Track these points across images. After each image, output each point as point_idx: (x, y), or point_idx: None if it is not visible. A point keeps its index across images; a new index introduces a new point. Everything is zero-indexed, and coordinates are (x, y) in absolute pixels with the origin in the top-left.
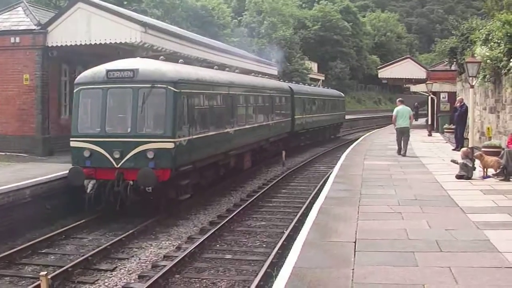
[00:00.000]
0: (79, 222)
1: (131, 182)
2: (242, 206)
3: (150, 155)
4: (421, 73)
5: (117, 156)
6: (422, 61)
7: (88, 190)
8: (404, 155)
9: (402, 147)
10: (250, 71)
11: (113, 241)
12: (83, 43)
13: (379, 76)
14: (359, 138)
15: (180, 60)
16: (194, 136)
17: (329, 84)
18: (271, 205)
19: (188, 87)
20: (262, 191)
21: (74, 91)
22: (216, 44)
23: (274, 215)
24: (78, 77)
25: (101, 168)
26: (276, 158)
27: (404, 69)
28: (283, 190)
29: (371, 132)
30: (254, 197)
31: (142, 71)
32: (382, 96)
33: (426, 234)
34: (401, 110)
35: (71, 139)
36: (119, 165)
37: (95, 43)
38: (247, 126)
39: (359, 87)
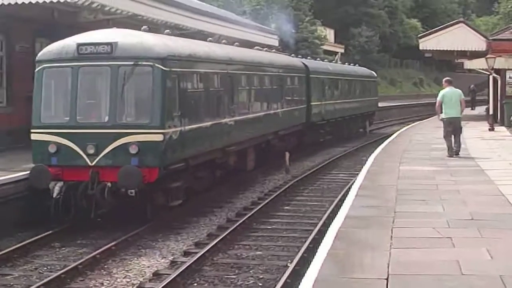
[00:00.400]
0: (38, 237)
1: (109, 184)
2: (230, 229)
3: (133, 150)
4: (479, 44)
5: (91, 151)
6: (481, 27)
7: (55, 195)
8: (455, 155)
9: (453, 144)
10: (239, 41)
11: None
12: (4, 3)
13: (421, 47)
14: (392, 134)
15: (144, 27)
16: (187, 127)
17: (350, 59)
18: (269, 227)
19: (180, 65)
20: (258, 207)
21: (36, 70)
22: (192, 4)
23: (274, 241)
24: (41, 52)
25: (71, 166)
26: (283, 159)
27: (456, 38)
28: (287, 207)
29: (409, 126)
30: (247, 216)
31: (122, 45)
32: (425, 76)
33: (487, 267)
34: (449, 94)
35: (31, 130)
36: (93, 163)
37: (22, 3)
38: (250, 116)
39: (392, 63)
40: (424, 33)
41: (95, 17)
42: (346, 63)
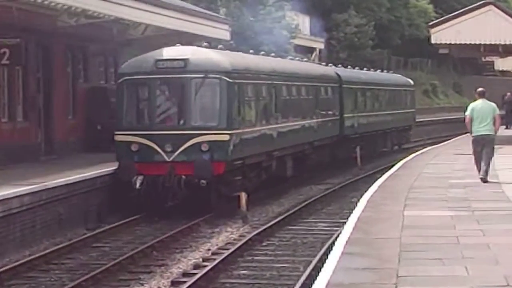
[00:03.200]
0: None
1: (183, 177)
2: None
3: (204, 147)
4: None
5: (168, 149)
6: None
7: (137, 186)
8: (484, 180)
9: (482, 167)
10: (175, 33)
11: None
12: None
13: (433, 41)
14: (394, 164)
15: (205, 44)
16: (245, 130)
17: (333, 57)
18: None
19: (239, 77)
20: (201, 273)
21: (118, 81)
22: None
23: None
24: (122, 66)
25: (151, 162)
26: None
27: (483, 26)
28: (243, 272)
29: (417, 153)
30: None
31: (193, 60)
32: (439, 81)
33: None
34: (480, 108)
35: (116, 132)
36: (171, 159)
37: None
38: (290, 124)
39: (393, 64)
40: (438, 20)
41: (77, 21)
42: (330, 65)
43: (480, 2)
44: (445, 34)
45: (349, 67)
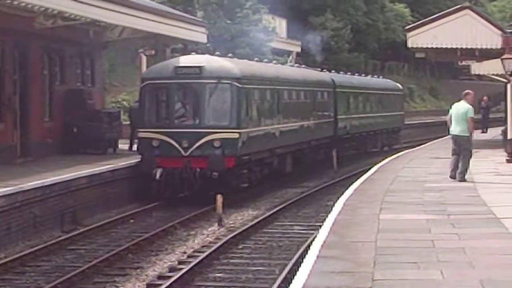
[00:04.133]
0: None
1: (198, 169)
2: None
3: (217, 144)
4: (492, 39)
5: (185, 145)
6: (495, 15)
7: (157, 177)
8: (460, 180)
9: (460, 167)
10: (151, 35)
11: None
12: None
13: (410, 44)
14: (370, 167)
15: (217, 53)
16: (252, 129)
17: (310, 60)
18: None
19: (247, 82)
20: (177, 276)
21: (141, 85)
22: None
23: None
24: (145, 72)
25: (169, 156)
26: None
27: (460, 30)
28: (219, 274)
29: (393, 157)
30: None
31: (207, 67)
32: (416, 85)
33: None
34: (456, 109)
35: (139, 130)
36: (187, 154)
37: None
38: (290, 125)
39: (370, 67)
40: (415, 24)
41: (54, 23)
42: (303, 66)
43: (457, 7)
44: (421, 38)
45: (341, 72)
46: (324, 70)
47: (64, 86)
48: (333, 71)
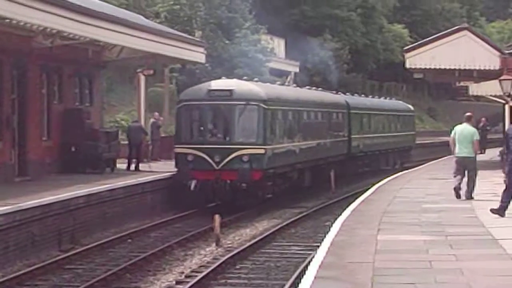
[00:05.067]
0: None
1: (228, 181)
2: None
3: (245, 159)
4: (490, 60)
5: (217, 159)
6: (493, 36)
7: (192, 188)
8: (468, 198)
9: (467, 187)
10: (149, 55)
11: None
12: None
13: (408, 65)
14: (367, 188)
15: (244, 78)
16: (276, 146)
17: (308, 81)
18: None
19: (272, 104)
20: None
21: (178, 106)
22: (81, 3)
23: None
24: (182, 93)
25: (203, 169)
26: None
27: (458, 51)
28: None
29: (391, 177)
30: None
31: (237, 91)
32: (414, 105)
33: None
34: (461, 132)
35: (175, 145)
36: (219, 167)
37: None
38: (308, 142)
39: (368, 88)
40: (413, 45)
41: (52, 43)
42: (340, 93)
43: (455, 27)
44: (420, 59)
45: (355, 94)
46: (339, 92)
47: (63, 105)
48: (347, 93)
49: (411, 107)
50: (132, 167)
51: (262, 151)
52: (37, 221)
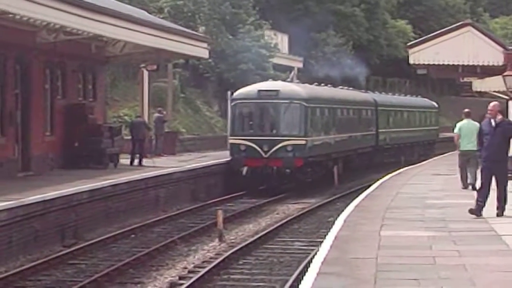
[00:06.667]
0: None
1: (275, 168)
2: None
3: (289, 148)
4: (494, 55)
5: (265, 149)
6: (497, 32)
7: (244, 173)
8: (472, 189)
9: (468, 178)
10: (152, 50)
11: None
12: None
13: (411, 61)
14: (370, 184)
15: (288, 79)
16: (314, 138)
17: (311, 76)
18: None
19: (311, 102)
20: None
21: (231, 104)
22: (75, 1)
23: None
24: (235, 93)
25: (253, 157)
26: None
27: (461, 47)
28: None
29: (394, 173)
30: None
31: (282, 91)
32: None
33: None
34: (466, 126)
35: (230, 137)
36: (267, 156)
37: None
38: (341, 135)
39: (371, 83)
40: (416, 41)
41: (56, 38)
42: (368, 91)
43: (459, 23)
44: (423, 55)
45: (383, 92)
46: (368, 91)
47: (66, 100)
48: (376, 92)
49: (435, 104)
50: (136, 162)
51: (304, 142)
52: (40, 216)
